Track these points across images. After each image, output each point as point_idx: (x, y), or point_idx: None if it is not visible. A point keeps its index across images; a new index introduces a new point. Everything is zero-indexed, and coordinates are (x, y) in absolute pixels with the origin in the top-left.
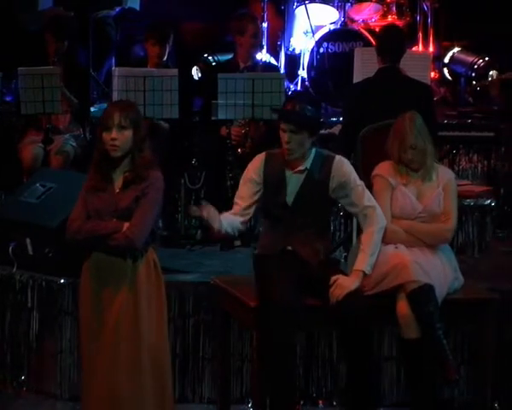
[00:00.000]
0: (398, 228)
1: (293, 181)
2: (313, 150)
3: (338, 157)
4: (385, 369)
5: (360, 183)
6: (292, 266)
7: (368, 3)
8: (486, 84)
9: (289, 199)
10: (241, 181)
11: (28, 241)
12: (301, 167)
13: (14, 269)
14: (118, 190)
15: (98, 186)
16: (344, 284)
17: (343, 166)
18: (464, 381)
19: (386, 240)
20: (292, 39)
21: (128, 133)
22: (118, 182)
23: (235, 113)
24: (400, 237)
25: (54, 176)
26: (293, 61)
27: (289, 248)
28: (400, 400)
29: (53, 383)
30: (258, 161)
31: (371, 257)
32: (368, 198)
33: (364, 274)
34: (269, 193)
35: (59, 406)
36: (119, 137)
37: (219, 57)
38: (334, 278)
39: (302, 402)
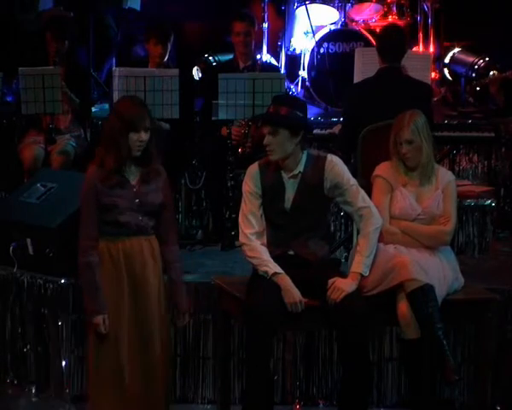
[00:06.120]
0: (396, 229)
1: (290, 186)
2: (305, 153)
3: (329, 157)
4: (385, 369)
5: (354, 182)
6: (292, 269)
7: (368, 4)
8: (486, 81)
9: (287, 205)
10: (245, 196)
11: (29, 241)
12: (295, 172)
13: (15, 269)
14: (137, 187)
15: (114, 183)
16: (341, 287)
17: (335, 167)
18: (464, 381)
19: (384, 241)
20: (292, 40)
21: (149, 133)
22: (134, 178)
23: (236, 113)
24: (398, 238)
25: (54, 176)
26: (293, 61)
27: (291, 252)
28: (400, 400)
29: (54, 383)
30: (253, 173)
31: (368, 258)
32: (362, 198)
33: (361, 276)
34: (268, 201)
35: (60, 406)
36: (145, 138)
37: (220, 57)
38: (331, 280)
39: (302, 402)
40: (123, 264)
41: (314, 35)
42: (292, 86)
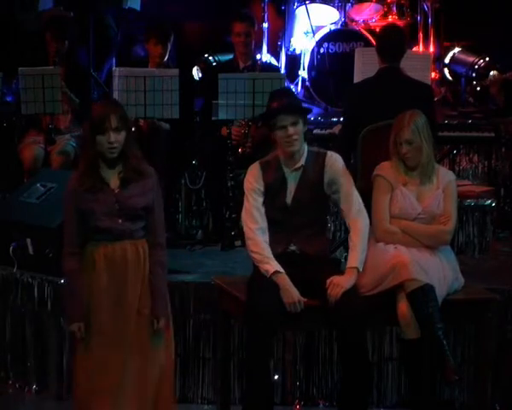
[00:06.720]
0: (396, 229)
1: (291, 180)
2: (305, 146)
3: (329, 153)
4: (385, 369)
5: (350, 180)
6: (293, 268)
7: (368, 4)
8: (487, 83)
9: (288, 200)
10: (247, 193)
11: (29, 241)
12: (298, 165)
13: (15, 269)
14: (117, 190)
15: (93, 187)
16: (340, 283)
17: (336, 162)
18: (464, 381)
19: (384, 241)
20: (292, 39)
21: (123, 134)
22: (113, 181)
23: (236, 113)
24: (398, 238)
25: (54, 176)
26: (293, 61)
27: (291, 248)
28: (400, 400)
29: (54, 383)
30: (255, 171)
31: (362, 254)
32: (356, 196)
33: (358, 271)
34: (270, 198)
35: (59, 406)
36: (117, 140)
37: (220, 57)
38: (329, 280)
39: (302, 402)
40: (104, 270)
41: (314, 35)
42: (292, 86)
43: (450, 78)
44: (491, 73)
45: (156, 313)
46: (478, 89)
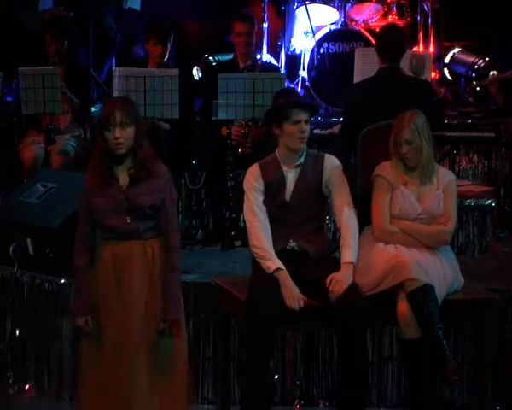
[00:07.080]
0: (396, 228)
1: (290, 178)
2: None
3: (327, 155)
4: (385, 369)
5: (345, 183)
6: (293, 265)
7: (368, 4)
8: (486, 82)
9: (287, 196)
10: (247, 193)
11: (29, 241)
12: (297, 163)
13: (15, 269)
14: (125, 187)
15: (102, 184)
16: (341, 279)
17: (333, 163)
18: (464, 381)
19: (384, 241)
20: (292, 40)
21: (130, 130)
22: (122, 179)
23: (236, 113)
24: (398, 238)
25: (54, 176)
26: (293, 61)
27: (291, 244)
28: (400, 400)
29: (54, 384)
30: (255, 171)
31: (356, 251)
32: (349, 199)
33: (353, 265)
34: (270, 196)
35: (59, 406)
36: (123, 135)
37: (220, 57)
38: (329, 277)
39: (302, 402)
40: (111, 269)
41: (314, 35)
42: (292, 86)
43: (450, 78)
44: (491, 73)
45: (165, 315)
46: (478, 89)
